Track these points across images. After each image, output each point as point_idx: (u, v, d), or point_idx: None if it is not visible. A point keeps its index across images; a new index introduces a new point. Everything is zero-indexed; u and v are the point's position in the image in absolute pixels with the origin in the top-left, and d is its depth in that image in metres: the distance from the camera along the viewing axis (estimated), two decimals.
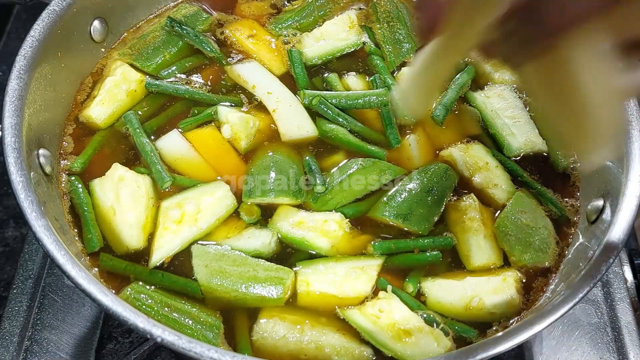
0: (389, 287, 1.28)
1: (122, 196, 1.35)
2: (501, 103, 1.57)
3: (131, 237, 1.32)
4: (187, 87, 1.57)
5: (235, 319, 1.27)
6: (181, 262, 1.32)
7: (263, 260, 1.30)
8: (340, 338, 1.22)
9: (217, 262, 1.27)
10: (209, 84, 1.60)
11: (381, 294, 1.27)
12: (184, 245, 1.33)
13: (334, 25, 1.70)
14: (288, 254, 1.35)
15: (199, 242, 1.34)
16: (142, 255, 1.33)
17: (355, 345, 1.22)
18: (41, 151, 1.35)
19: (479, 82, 1.63)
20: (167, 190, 1.40)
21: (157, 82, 1.55)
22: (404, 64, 1.65)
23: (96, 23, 1.58)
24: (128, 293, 1.25)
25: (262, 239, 1.33)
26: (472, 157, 1.48)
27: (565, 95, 0.90)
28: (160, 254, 1.31)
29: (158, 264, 1.31)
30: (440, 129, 1.53)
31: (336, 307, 1.26)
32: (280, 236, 1.35)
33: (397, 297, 1.26)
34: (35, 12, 1.43)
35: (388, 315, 1.23)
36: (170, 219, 1.34)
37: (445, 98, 1.55)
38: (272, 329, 1.22)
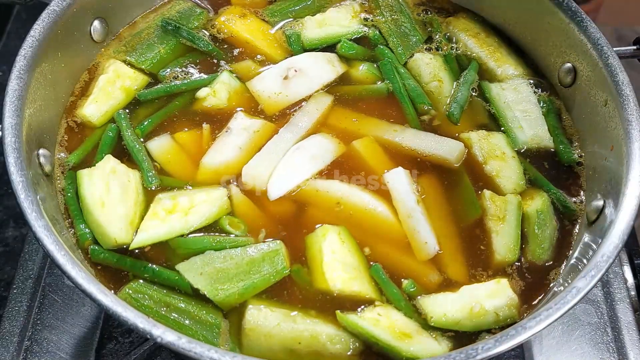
0: (384, 297, 1.29)
1: (112, 188, 1.34)
2: (515, 96, 1.57)
3: (120, 229, 1.30)
4: (180, 81, 1.57)
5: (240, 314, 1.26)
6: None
7: (250, 244, 1.30)
8: (332, 327, 1.23)
9: (209, 266, 1.26)
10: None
11: (377, 302, 1.27)
12: (169, 235, 1.31)
13: (337, 12, 1.71)
14: None
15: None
16: (129, 252, 1.32)
17: (348, 334, 1.23)
18: (41, 151, 1.35)
19: (483, 77, 1.63)
20: (153, 189, 1.40)
21: (148, 91, 1.55)
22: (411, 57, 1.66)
23: (96, 23, 1.58)
24: (127, 292, 1.25)
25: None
26: (491, 144, 1.48)
27: None
28: (144, 236, 1.30)
29: (140, 247, 1.31)
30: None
31: (336, 311, 1.25)
32: None
33: (391, 306, 1.27)
34: (35, 12, 1.43)
35: (387, 319, 1.23)
36: (162, 206, 1.34)
37: (459, 96, 1.55)
38: (264, 318, 1.22)
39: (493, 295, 1.27)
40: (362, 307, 1.27)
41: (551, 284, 1.33)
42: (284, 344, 1.21)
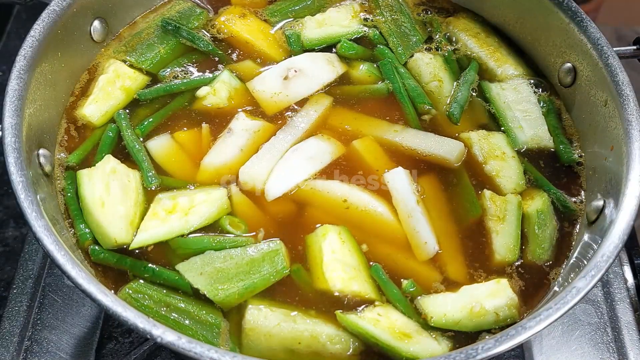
0: (384, 297, 1.29)
1: (112, 188, 1.34)
2: (515, 96, 1.58)
3: (120, 229, 1.30)
4: (180, 81, 1.57)
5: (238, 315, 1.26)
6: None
7: (250, 244, 1.30)
8: (332, 327, 1.23)
9: (209, 266, 1.27)
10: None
11: (377, 302, 1.28)
12: (169, 235, 1.31)
13: (337, 12, 1.71)
14: None
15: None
16: (129, 252, 1.32)
17: (348, 334, 1.23)
18: (41, 151, 1.35)
19: (483, 77, 1.63)
20: (153, 189, 1.40)
21: (148, 90, 1.54)
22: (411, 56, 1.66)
23: (96, 23, 1.58)
24: (127, 292, 1.25)
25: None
26: (491, 144, 1.49)
27: None
28: (144, 236, 1.30)
29: (140, 248, 1.31)
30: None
31: (336, 311, 1.25)
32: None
33: (391, 306, 1.27)
34: (35, 12, 1.43)
35: (387, 319, 1.24)
36: (162, 206, 1.34)
37: (459, 96, 1.55)
38: (264, 318, 1.23)
39: (493, 295, 1.27)
40: (362, 307, 1.27)
41: (551, 284, 1.33)
42: (284, 344, 1.21)
